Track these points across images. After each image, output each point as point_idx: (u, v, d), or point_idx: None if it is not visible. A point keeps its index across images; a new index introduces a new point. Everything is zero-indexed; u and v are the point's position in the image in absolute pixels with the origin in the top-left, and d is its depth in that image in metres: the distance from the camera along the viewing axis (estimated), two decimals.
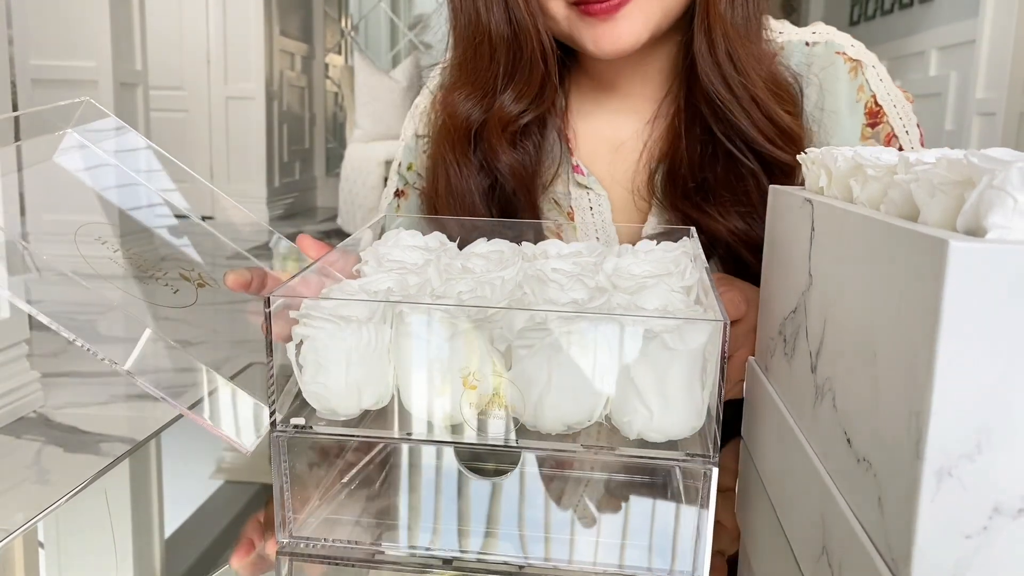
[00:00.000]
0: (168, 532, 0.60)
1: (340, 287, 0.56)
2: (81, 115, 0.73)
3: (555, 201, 1.01)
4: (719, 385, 0.49)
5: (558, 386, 0.50)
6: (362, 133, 5.70)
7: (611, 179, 1.01)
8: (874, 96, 0.96)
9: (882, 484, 0.41)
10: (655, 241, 0.68)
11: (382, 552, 0.55)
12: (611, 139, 1.02)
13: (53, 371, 3.04)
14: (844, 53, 0.97)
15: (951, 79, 3.92)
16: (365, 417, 0.55)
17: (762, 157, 0.91)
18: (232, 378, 0.62)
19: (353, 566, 0.55)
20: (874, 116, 0.96)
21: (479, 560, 0.54)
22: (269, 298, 0.50)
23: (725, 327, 0.48)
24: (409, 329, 0.51)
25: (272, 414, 0.53)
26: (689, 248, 0.66)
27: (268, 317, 0.50)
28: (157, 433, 0.79)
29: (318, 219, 6.90)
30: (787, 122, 0.91)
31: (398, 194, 1.09)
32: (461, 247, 0.68)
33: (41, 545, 0.57)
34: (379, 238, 0.70)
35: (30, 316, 2.77)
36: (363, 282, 0.58)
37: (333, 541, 0.56)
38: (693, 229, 0.70)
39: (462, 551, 0.55)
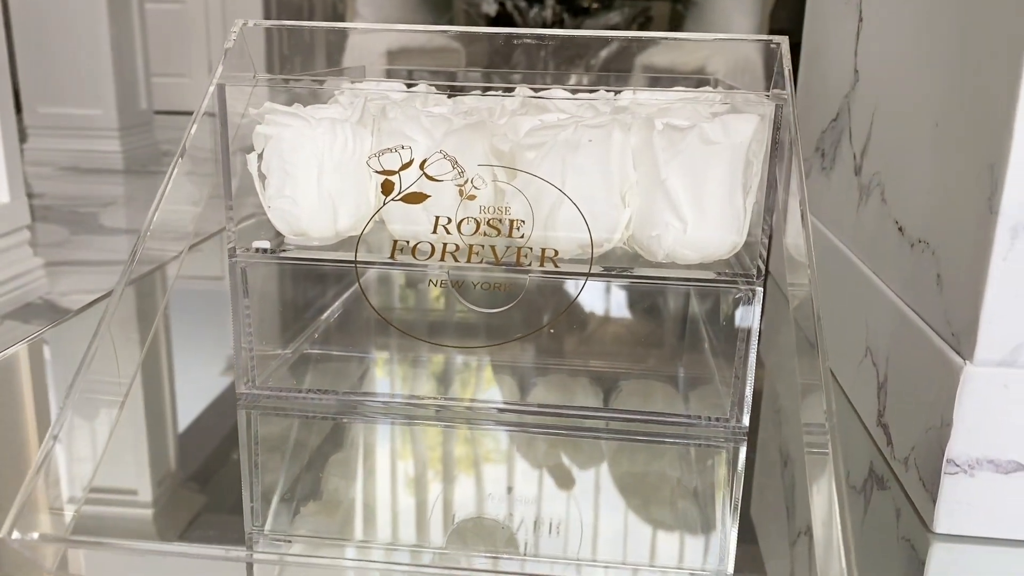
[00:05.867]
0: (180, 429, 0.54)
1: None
2: None
3: None
4: (768, 193, 0.42)
5: (574, 195, 0.41)
6: (363, 22, 5.52)
7: None
8: None
9: (941, 260, 0.38)
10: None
11: (360, 402, 0.47)
12: None
13: (57, 260, 3.01)
14: None
15: None
16: (344, 243, 0.45)
17: None
18: None
19: (327, 419, 0.46)
20: None
21: (470, 408, 0.46)
22: (223, 86, 0.42)
23: (779, 109, 0.41)
24: (392, 127, 0.42)
25: (229, 238, 0.44)
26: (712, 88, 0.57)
27: (220, 96, 0.41)
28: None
29: None
30: None
31: None
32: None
33: (54, 405, 0.54)
34: None
35: (31, 202, 2.72)
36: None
37: (304, 392, 0.47)
38: (718, 78, 0.64)
39: (450, 398, 0.47)
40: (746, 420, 0.44)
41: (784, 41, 0.44)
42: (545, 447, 0.45)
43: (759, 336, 0.46)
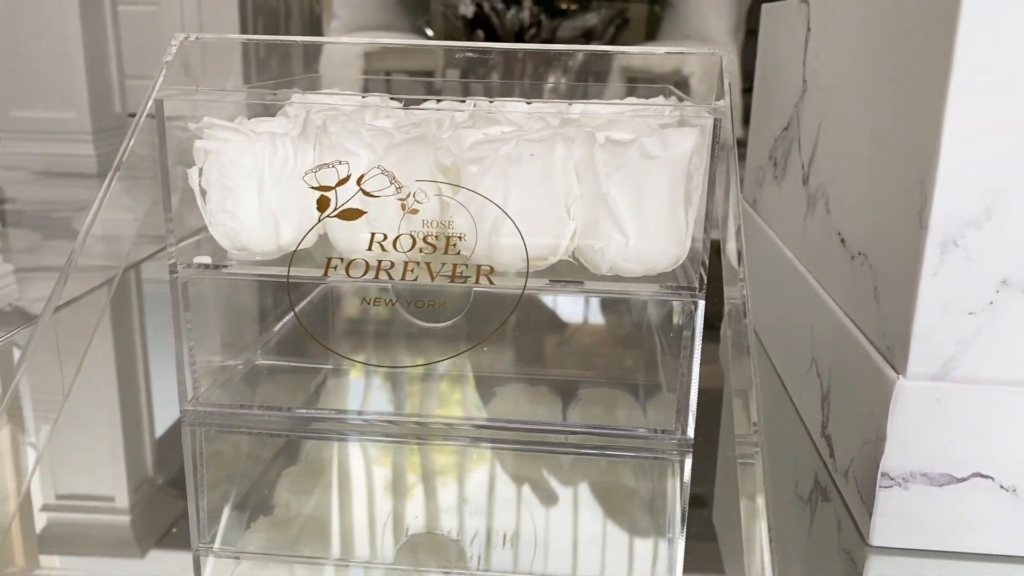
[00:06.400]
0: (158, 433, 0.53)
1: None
2: None
3: None
4: (707, 205, 0.42)
5: (516, 209, 0.41)
6: (339, 25, 5.48)
7: None
8: None
9: (878, 273, 0.38)
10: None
11: (307, 417, 0.47)
12: None
13: (28, 266, 2.98)
14: None
15: None
16: (287, 257, 0.44)
17: None
18: None
19: (273, 435, 0.46)
20: None
21: (420, 423, 0.46)
22: (162, 100, 0.42)
23: (717, 125, 0.41)
24: (332, 141, 0.42)
25: (170, 254, 0.44)
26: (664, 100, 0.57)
27: (159, 110, 0.42)
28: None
29: None
30: None
31: None
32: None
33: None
34: None
35: (2, 207, 2.69)
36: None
37: (254, 408, 0.46)
38: (671, 87, 0.64)
39: (402, 413, 0.48)
40: (691, 431, 0.44)
41: (725, 55, 0.44)
42: (496, 459, 0.44)
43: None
